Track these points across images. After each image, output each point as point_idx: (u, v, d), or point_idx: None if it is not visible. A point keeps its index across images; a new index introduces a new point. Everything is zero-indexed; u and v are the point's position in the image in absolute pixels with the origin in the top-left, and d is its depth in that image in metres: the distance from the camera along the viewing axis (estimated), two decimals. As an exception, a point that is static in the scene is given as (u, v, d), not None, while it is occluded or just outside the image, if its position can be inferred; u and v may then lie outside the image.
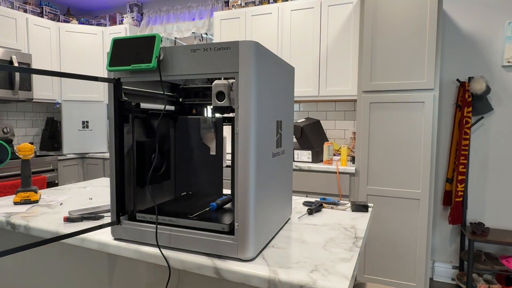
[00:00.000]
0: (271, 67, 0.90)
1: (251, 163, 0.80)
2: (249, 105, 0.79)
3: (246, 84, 0.78)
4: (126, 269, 0.97)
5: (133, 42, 0.89)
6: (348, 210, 1.30)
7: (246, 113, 0.79)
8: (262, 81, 0.83)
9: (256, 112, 0.80)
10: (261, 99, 0.83)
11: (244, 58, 0.78)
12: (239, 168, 0.80)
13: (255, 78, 0.79)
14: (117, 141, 0.93)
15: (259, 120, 0.81)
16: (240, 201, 0.81)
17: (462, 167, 2.53)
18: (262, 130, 0.84)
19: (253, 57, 0.78)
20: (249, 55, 0.78)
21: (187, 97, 1.21)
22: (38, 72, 0.71)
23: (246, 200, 0.80)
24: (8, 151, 1.26)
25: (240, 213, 0.81)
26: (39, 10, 3.69)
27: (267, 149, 0.89)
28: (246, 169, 0.80)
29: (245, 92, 0.78)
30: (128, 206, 0.98)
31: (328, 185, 2.53)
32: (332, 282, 0.72)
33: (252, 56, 0.78)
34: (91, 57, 3.72)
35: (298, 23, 2.88)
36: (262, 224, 0.87)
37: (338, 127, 3.15)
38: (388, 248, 2.38)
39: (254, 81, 0.79)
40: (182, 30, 3.75)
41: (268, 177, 0.91)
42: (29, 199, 1.35)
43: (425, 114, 2.22)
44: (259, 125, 0.82)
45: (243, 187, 0.80)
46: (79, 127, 3.50)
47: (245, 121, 0.79)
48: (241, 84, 0.78)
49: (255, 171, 0.81)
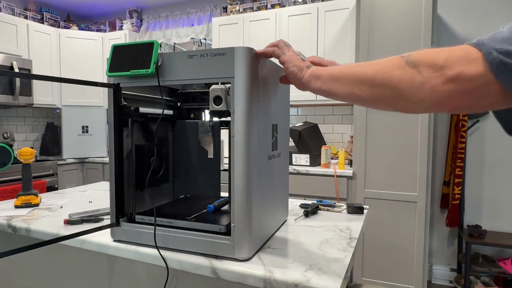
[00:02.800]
0: (266, 72, 0.93)
1: (246, 166, 0.82)
2: (244, 109, 0.81)
3: (241, 89, 0.81)
4: (125, 270, 0.99)
5: (132, 48, 0.91)
6: (344, 212, 1.32)
7: (241, 117, 0.81)
8: (256, 86, 0.85)
9: (251, 116, 0.82)
10: (256, 103, 0.86)
11: (239, 63, 0.81)
12: (235, 170, 0.82)
13: (250, 83, 0.81)
14: (116, 145, 0.95)
15: (254, 123, 0.84)
16: (236, 203, 0.83)
17: (459, 170, 2.56)
18: (258, 134, 0.87)
19: (247, 62, 0.81)
20: (244, 60, 0.80)
21: (185, 102, 1.23)
22: (38, 77, 0.74)
23: (242, 202, 0.83)
24: (11, 154, 1.28)
25: (236, 214, 0.83)
26: (39, 16, 3.74)
27: (262, 152, 0.91)
28: (242, 171, 0.82)
29: (240, 97, 0.81)
30: (127, 208, 1.00)
31: (326, 189, 2.55)
32: (325, 280, 0.74)
33: (246, 61, 0.81)
34: (91, 63, 3.76)
35: (295, 29, 2.92)
36: (258, 225, 0.89)
37: (335, 131, 3.18)
38: (386, 251, 2.39)
39: (248, 86, 0.81)
40: (181, 35, 3.79)
41: (264, 180, 0.93)
42: (30, 202, 1.37)
43: (421, 117, 2.25)
44: (254, 129, 0.84)
45: (239, 189, 0.82)
46: (79, 132, 3.52)
47: (240, 125, 0.81)
48: (236, 89, 0.81)
49: (250, 173, 0.83)
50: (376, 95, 0.58)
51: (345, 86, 0.63)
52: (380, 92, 0.57)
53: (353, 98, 0.63)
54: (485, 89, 0.47)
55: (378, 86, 0.57)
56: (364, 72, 0.60)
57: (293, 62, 0.77)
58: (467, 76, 0.47)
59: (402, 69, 0.54)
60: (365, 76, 0.59)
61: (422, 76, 0.51)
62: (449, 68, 0.49)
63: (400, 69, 0.54)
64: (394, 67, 0.55)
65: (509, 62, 0.44)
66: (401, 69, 0.54)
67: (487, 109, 0.52)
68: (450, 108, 0.51)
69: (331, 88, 0.67)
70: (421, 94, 0.51)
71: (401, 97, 0.54)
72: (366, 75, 0.59)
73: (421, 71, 0.51)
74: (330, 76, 0.67)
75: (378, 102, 0.59)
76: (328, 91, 0.68)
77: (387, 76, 0.56)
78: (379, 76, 0.57)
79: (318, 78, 0.70)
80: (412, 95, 0.53)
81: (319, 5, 2.83)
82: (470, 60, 0.48)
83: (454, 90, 0.49)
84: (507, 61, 0.44)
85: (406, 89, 0.53)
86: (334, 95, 0.67)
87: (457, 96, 0.49)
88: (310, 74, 0.72)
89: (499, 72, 0.45)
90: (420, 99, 0.52)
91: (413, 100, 0.53)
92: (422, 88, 0.51)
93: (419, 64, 0.52)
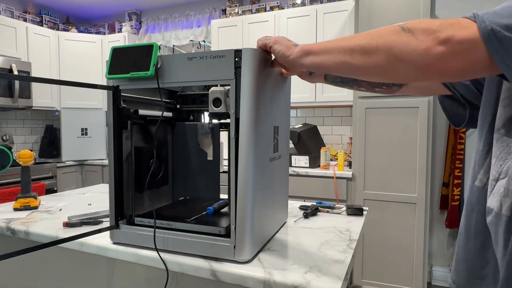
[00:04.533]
0: (266, 74, 0.93)
1: (248, 168, 0.82)
2: (244, 111, 0.81)
3: (241, 91, 0.81)
4: (124, 272, 0.98)
5: (132, 50, 0.91)
6: (344, 214, 1.32)
7: (243, 119, 0.81)
8: (256, 88, 0.85)
9: (253, 118, 0.82)
10: (256, 105, 0.86)
11: (246, 65, 0.81)
12: (239, 172, 0.82)
13: (250, 85, 0.81)
14: (116, 147, 0.95)
15: (255, 125, 0.84)
16: (236, 205, 0.83)
17: (458, 171, 2.56)
18: (259, 136, 0.87)
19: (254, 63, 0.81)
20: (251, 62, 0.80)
21: (184, 104, 1.23)
22: (37, 80, 0.74)
23: (242, 204, 0.82)
24: (9, 157, 1.28)
25: (237, 216, 0.83)
26: (38, 19, 3.74)
27: (264, 154, 0.91)
28: (243, 173, 0.82)
29: (240, 99, 0.81)
30: (127, 210, 1.00)
31: (326, 190, 2.55)
32: (325, 282, 0.74)
33: (253, 62, 0.81)
34: (90, 65, 3.76)
35: (294, 31, 2.92)
36: (258, 227, 0.89)
37: (335, 133, 3.18)
38: (385, 252, 2.39)
39: (254, 87, 0.81)
40: (180, 38, 3.80)
41: (265, 181, 0.93)
42: (29, 205, 1.37)
43: (420, 119, 2.25)
44: (255, 131, 0.84)
45: (240, 191, 0.82)
46: (78, 134, 3.52)
47: (242, 127, 0.81)
48: (243, 89, 0.81)
49: (253, 176, 0.83)
50: (370, 61, 0.60)
51: (337, 56, 0.65)
52: (374, 58, 0.59)
53: (346, 67, 0.64)
54: (474, 54, 0.51)
55: (373, 52, 0.59)
56: (358, 40, 0.62)
57: (280, 43, 0.78)
58: (458, 39, 0.51)
59: (398, 34, 0.56)
60: (359, 44, 0.61)
61: (417, 39, 0.54)
62: (441, 31, 0.52)
63: (396, 34, 0.56)
64: (390, 32, 0.57)
65: (499, 31, 0.49)
66: (397, 34, 0.56)
67: (474, 75, 0.55)
68: (440, 71, 0.54)
69: (323, 61, 0.68)
70: (416, 55, 0.54)
71: (396, 61, 0.56)
72: (360, 42, 0.61)
73: (416, 34, 0.54)
74: (321, 49, 0.68)
75: (370, 69, 0.61)
76: (320, 63, 0.68)
77: (382, 41, 0.58)
78: (374, 42, 0.59)
79: (309, 52, 0.71)
80: (407, 57, 0.55)
81: (318, 7, 2.84)
82: (463, 26, 0.51)
83: (445, 51, 0.51)
84: (497, 30, 0.49)
85: (401, 51, 0.55)
86: (325, 67, 0.68)
87: (447, 57, 0.52)
88: (300, 50, 0.73)
89: (488, 39, 0.49)
90: (415, 60, 0.54)
91: (408, 62, 0.55)
92: (417, 49, 0.53)
93: (415, 29, 0.55)
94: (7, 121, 3.60)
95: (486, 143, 0.63)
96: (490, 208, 0.59)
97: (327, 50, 0.67)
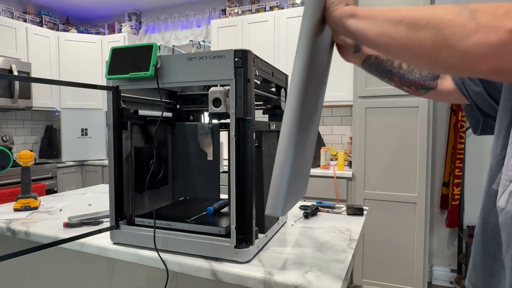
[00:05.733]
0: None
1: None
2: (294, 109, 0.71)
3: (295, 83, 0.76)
4: (125, 272, 0.98)
5: (131, 51, 0.91)
6: (344, 214, 1.32)
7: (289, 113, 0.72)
8: (313, 30, 0.76)
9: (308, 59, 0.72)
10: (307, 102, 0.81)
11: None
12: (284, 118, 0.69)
13: (310, 23, 0.72)
14: (116, 148, 0.95)
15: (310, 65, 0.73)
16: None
17: (458, 170, 2.56)
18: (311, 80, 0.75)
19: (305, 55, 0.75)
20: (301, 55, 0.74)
21: (184, 104, 1.23)
22: (37, 80, 0.74)
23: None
24: (10, 157, 1.28)
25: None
26: (38, 19, 3.74)
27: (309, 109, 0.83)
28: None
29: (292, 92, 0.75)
30: (127, 211, 1.00)
31: (326, 190, 2.55)
32: (326, 282, 0.74)
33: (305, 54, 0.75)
34: (90, 66, 3.76)
35: (294, 30, 2.92)
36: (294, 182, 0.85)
37: (335, 132, 3.18)
38: (386, 252, 2.39)
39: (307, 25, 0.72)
40: (180, 38, 3.80)
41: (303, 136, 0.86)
42: (29, 205, 1.37)
43: (420, 119, 2.25)
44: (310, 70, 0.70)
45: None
46: (78, 135, 3.52)
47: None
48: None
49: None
50: (414, 38, 0.52)
51: (381, 25, 0.57)
52: (420, 36, 0.51)
53: (386, 40, 0.56)
54: None
55: (422, 28, 0.51)
56: (409, 11, 0.54)
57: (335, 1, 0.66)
58: None
59: (455, 14, 0.48)
60: (410, 15, 0.53)
61: (477, 23, 0.46)
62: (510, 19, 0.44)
63: (453, 14, 0.49)
64: (447, 10, 0.50)
65: None
66: (455, 14, 0.48)
67: None
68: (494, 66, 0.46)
69: (363, 28, 0.59)
70: (469, 42, 0.46)
71: (444, 43, 0.49)
72: (411, 14, 0.53)
73: (477, 18, 0.46)
74: (366, 14, 0.60)
75: (412, 47, 0.53)
76: (359, 30, 0.60)
77: (436, 18, 0.50)
78: (427, 17, 0.51)
79: (353, 15, 0.61)
80: (458, 42, 0.47)
81: (318, 7, 2.84)
82: None
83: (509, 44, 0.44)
84: None
85: (453, 34, 0.48)
86: (364, 36, 0.60)
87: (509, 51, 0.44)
88: (347, 10, 0.63)
89: None
90: (466, 47, 0.47)
91: (457, 49, 0.48)
92: (474, 36, 0.46)
93: (477, 11, 0.47)
94: (7, 122, 3.60)
95: (503, 147, 0.62)
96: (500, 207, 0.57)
97: (372, 16, 0.58)
